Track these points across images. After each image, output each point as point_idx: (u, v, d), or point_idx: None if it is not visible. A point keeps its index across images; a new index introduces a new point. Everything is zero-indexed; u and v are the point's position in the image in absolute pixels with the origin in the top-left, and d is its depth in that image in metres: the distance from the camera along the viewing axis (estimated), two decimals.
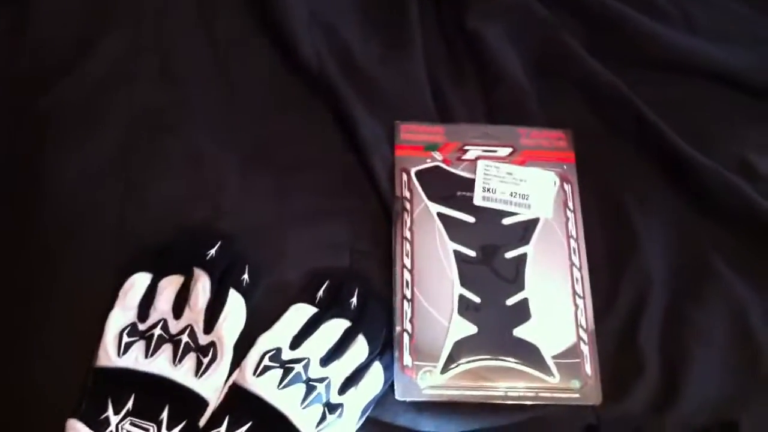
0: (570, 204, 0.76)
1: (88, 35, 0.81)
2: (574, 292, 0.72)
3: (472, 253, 0.73)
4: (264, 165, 0.77)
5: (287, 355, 0.66)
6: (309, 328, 0.67)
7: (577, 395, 0.68)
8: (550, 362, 0.69)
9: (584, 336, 0.70)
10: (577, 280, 0.73)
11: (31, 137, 0.76)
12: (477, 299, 0.71)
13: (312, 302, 0.69)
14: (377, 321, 0.69)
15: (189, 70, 0.81)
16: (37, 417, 0.65)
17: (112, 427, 0.62)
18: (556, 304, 0.71)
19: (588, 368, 0.69)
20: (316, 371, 0.65)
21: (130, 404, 0.63)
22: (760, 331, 0.71)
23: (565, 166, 0.79)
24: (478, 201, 0.75)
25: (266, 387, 0.64)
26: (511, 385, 0.68)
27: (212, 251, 0.69)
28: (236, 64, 0.82)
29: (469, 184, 0.77)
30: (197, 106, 0.79)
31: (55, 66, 0.79)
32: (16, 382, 0.66)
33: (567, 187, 0.77)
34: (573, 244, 0.74)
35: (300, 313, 0.68)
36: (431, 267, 0.72)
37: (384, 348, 0.69)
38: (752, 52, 0.87)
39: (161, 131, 0.77)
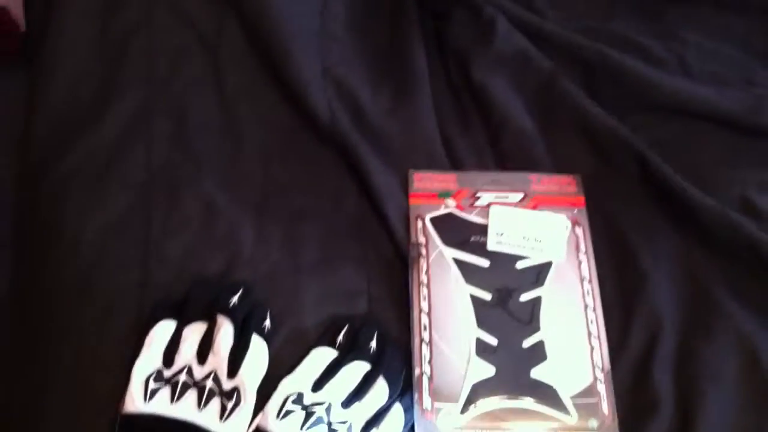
0: (582, 247, 0.78)
1: (102, 98, 0.84)
2: (589, 333, 0.74)
3: (487, 297, 0.75)
4: (277, 215, 0.79)
5: (309, 398, 0.67)
6: (330, 371, 0.69)
7: None
8: (568, 402, 0.70)
9: (600, 376, 0.71)
10: (591, 321, 0.74)
11: (51, 197, 0.78)
12: (494, 341, 0.72)
13: (332, 346, 0.71)
14: (396, 363, 0.70)
15: (201, 127, 0.84)
16: None
17: None
18: (572, 345, 0.73)
19: (605, 408, 0.70)
20: (337, 414, 0.66)
21: None
22: None
23: (575, 210, 0.81)
24: (492, 246, 0.77)
25: (289, 430, 0.65)
26: (530, 425, 0.69)
27: (234, 298, 0.71)
28: (246, 117, 0.85)
29: (483, 229, 0.79)
30: (210, 162, 0.82)
31: (72, 128, 0.82)
32: None
33: (578, 230, 0.79)
34: (586, 286, 0.76)
35: (321, 356, 0.70)
36: (448, 310, 0.74)
37: (404, 390, 0.70)
38: (747, 94, 0.89)
39: (177, 187, 0.80)
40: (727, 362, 0.73)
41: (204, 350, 0.69)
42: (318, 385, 0.68)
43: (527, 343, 0.72)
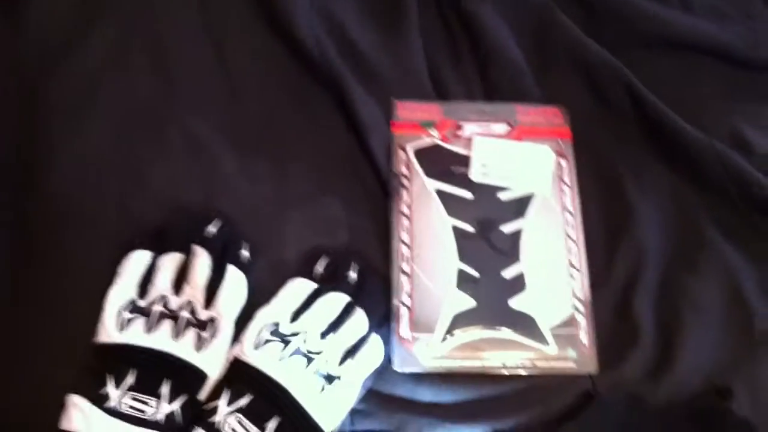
0: (566, 179, 0.77)
1: (81, 26, 0.81)
2: (570, 264, 0.73)
3: (469, 228, 0.73)
4: (260, 147, 0.78)
5: (286, 328, 0.66)
6: (308, 302, 0.68)
7: (573, 365, 0.69)
8: (547, 333, 0.69)
9: (580, 307, 0.71)
10: (573, 252, 0.73)
11: (32, 125, 0.76)
12: (475, 273, 0.71)
13: (311, 277, 0.70)
14: (376, 295, 0.70)
15: (185, 58, 0.81)
16: (38, 393, 0.65)
17: (114, 401, 0.63)
18: (553, 277, 0.72)
19: (584, 338, 0.70)
20: (315, 344, 0.66)
21: (130, 379, 0.63)
22: (753, 298, 0.72)
23: (560, 142, 0.79)
24: (475, 177, 0.76)
25: (266, 360, 0.64)
26: (508, 355, 0.69)
27: (212, 229, 0.70)
28: (232, 49, 0.83)
29: (466, 160, 0.77)
30: (193, 93, 0.80)
31: (51, 55, 0.80)
32: (18, 360, 0.67)
33: (563, 162, 0.78)
34: (569, 217, 0.75)
35: (299, 287, 0.69)
36: (429, 242, 0.73)
37: (383, 321, 0.69)
38: (745, 27, 0.87)
39: (158, 118, 0.78)
40: (710, 295, 0.73)
41: (180, 281, 0.68)
42: (296, 316, 0.67)
43: (508, 274, 0.72)
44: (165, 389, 0.63)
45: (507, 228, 0.74)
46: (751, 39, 0.86)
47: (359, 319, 0.67)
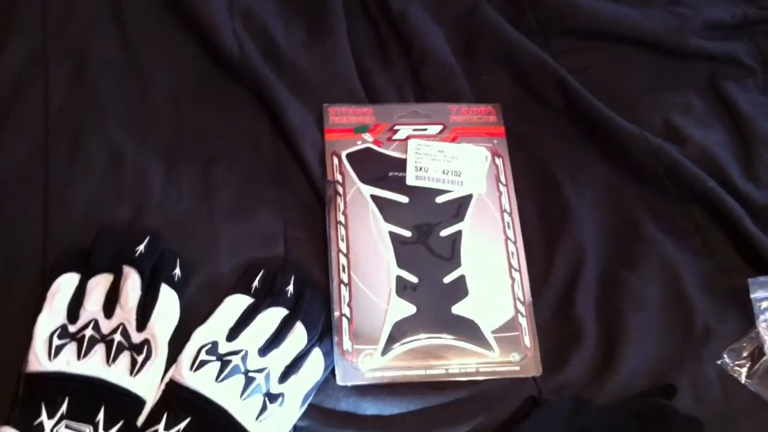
0: (502, 178, 0.77)
1: None
2: (510, 266, 0.72)
3: (407, 233, 0.72)
4: (187, 158, 0.76)
5: (224, 347, 0.64)
6: (245, 318, 0.66)
7: (517, 368, 0.68)
8: (490, 337, 0.69)
9: (522, 309, 0.71)
10: (512, 253, 0.73)
11: None
12: (414, 279, 0.70)
13: (247, 293, 0.68)
14: (315, 307, 0.68)
15: (102, 69, 0.79)
16: None
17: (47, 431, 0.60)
18: (493, 279, 0.72)
19: (527, 341, 0.69)
20: (254, 362, 0.64)
21: (64, 408, 0.61)
22: (692, 292, 0.73)
23: (495, 141, 0.79)
24: (410, 181, 0.75)
25: (204, 381, 0.62)
26: (452, 362, 0.68)
27: (141, 247, 0.67)
28: (152, 58, 0.80)
29: (401, 164, 0.76)
30: (113, 105, 0.77)
31: None
32: None
33: (498, 161, 0.78)
34: (507, 218, 0.74)
35: (235, 304, 0.67)
36: (367, 250, 0.72)
37: (323, 334, 0.68)
38: (671, 15, 0.88)
39: (77, 134, 0.75)
40: (650, 290, 0.73)
41: (111, 303, 0.66)
42: (233, 334, 0.65)
43: (448, 278, 0.71)
44: (100, 416, 0.61)
45: (445, 232, 0.73)
46: (677, 25, 0.87)
47: (299, 334, 0.66)
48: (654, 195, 0.78)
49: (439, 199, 0.75)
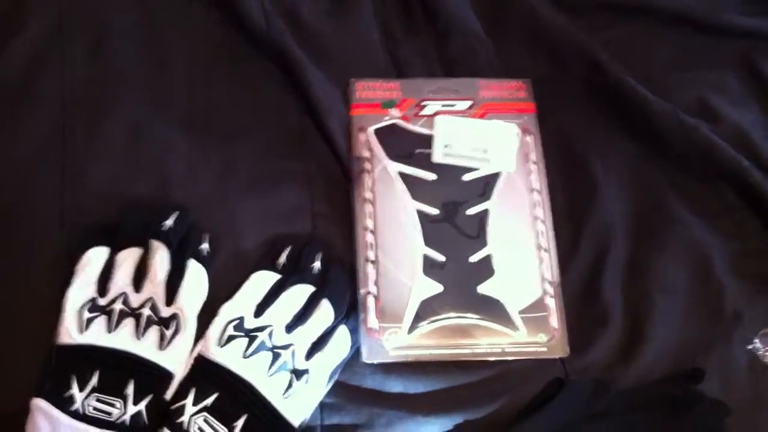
0: (532, 156, 0.76)
1: (12, 15, 0.77)
2: (538, 246, 0.72)
3: (434, 211, 0.72)
4: (211, 133, 0.75)
5: (251, 323, 0.65)
6: (272, 295, 0.67)
7: (544, 349, 0.68)
8: (516, 317, 0.69)
9: (549, 289, 0.70)
10: (541, 233, 0.73)
11: None
12: (441, 257, 0.70)
13: (274, 269, 0.68)
14: (341, 285, 0.69)
15: (122, 43, 0.78)
16: (1, 398, 0.63)
17: (78, 404, 0.61)
18: (521, 259, 0.71)
19: (554, 321, 0.69)
20: (281, 338, 0.65)
21: (94, 380, 0.62)
22: (721, 274, 0.72)
23: (525, 117, 0.78)
24: (438, 158, 0.74)
25: (231, 357, 0.63)
26: (478, 342, 0.68)
27: (169, 222, 0.68)
28: (173, 30, 0.79)
29: (429, 140, 0.75)
30: (133, 78, 0.76)
31: None
32: None
33: (528, 138, 0.77)
34: (536, 197, 0.74)
35: (262, 280, 0.67)
36: (394, 227, 0.71)
37: (349, 311, 0.68)
38: None
39: (98, 108, 0.74)
40: (678, 272, 0.72)
41: (139, 277, 0.66)
42: (260, 310, 0.66)
43: (474, 258, 0.71)
44: (130, 390, 0.62)
45: (471, 210, 0.72)
46: (711, 2, 0.85)
47: (325, 311, 0.66)
48: (684, 174, 0.77)
49: (466, 177, 0.74)
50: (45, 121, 0.73)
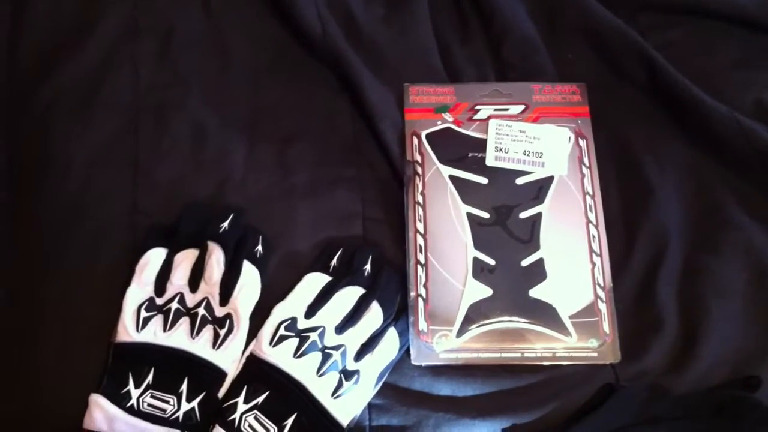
0: (585, 160, 0.75)
1: (85, 18, 0.80)
2: (591, 250, 0.71)
3: (485, 215, 0.72)
4: (269, 136, 0.77)
5: (302, 324, 0.66)
6: (323, 296, 0.67)
7: (595, 354, 0.68)
8: (567, 322, 0.68)
9: (602, 294, 0.69)
10: (593, 237, 0.72)
11: (36, 123, 0.76)
12: (492, 261, 0.70)
13: (326, 271, 0.69)
14: (391, 287, 0.69)
15: (187, 45, 0.80)
16: (60, 394, 0.66)
17: (134, 400, 0.63)
18: (573, 263, 0.71)
19: (606, 327, 0.68)
20: (331, 339, 0.66)
21: (150, 378, 0.64)
22: None
23: (579, 121, 0.77)
24: (490, 161, 0.74)
25: (282, 356, 0.64)
26: (528, 346, 0.68)
27: (225, 224, 0.69)
28: (234, 34, 0.81)
29: (481, 144, 0.75)
30: (198, 81, 0.79)
31: (55, 51, 0.79)
32: (40, 363, 0.67)
33: (582, 142, 0.76)
34: (589, 200, 0.73)
35: (314, 282, 0.68)
36: (444, 231, 0.72)
37: (399, 314, 0.69)
38: None
39: (164, 110, 0.77)
40: (734, 277, 0.71)
41: (196, 277, 0.68)
42: (311, 311, 0.67)
43: (526, 262, 0.70)
44: (183, 387, 0.64)
45: (525, 214, 0.72)
46: (765, 2, 0.83)
47: (375, 313, 0.67)
48: (741, 178, 0.75)
49: (519, 181, 0.74)
50: (115, 121, 0.76)
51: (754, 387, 0.65)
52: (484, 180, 0.74)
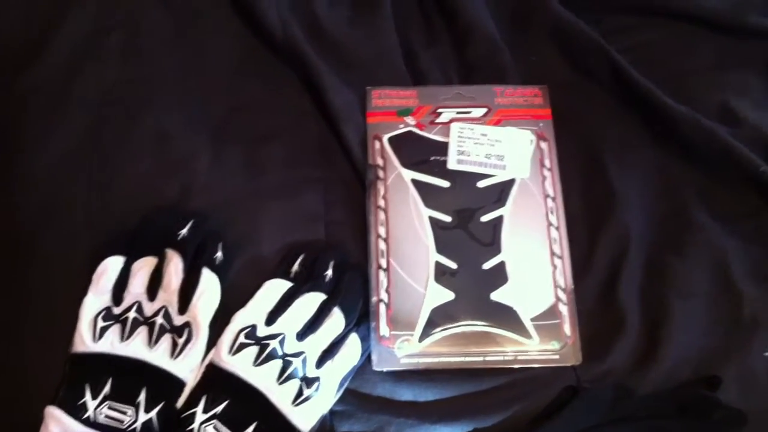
0: (547, 162, 0.75)
1: (51, 16, 0.79)
2: (552, 252, 0.71)
3: (447, 219, 0.72)
4: (233, 138, 0.76)
5: (263, 331, 0.65)
6: (284, 303, 0.67)
7: (556, 357, 0.67)
8: (529, 325, 0.68)
9: (563, 296, 0.69)
10: (554, 240, 0.72)
11: (6, 121, 0.75)
12: (453, 265, 0.70)
13: (287, 277, 0.69)
14: (353, 292, 0.68)
15: (153, 46, 0.79)
16: (15, 405, 0.65)
17: (90, 412, 0.62)
18: (534, 266, 0.70)
19: (567, 329, 0.68)
20: (292, 346, 0.65)
21: (107, 388, 0.63)
22: (741, 280, 0.70)
23: (541, 124, 0.77)
24: (452, 165, 0.74)
25: (242, 365, 0.63)
26: (490, 349, 0.67)
27: (184, 230, 0.68)
28: (200, 35, 0.81)
29: (443, 147, 0.75)
30: (163, 83, 0.78)
31: (21, 50, 0.78)
32: None
33: (543, 145, 0.76)
34: (550, 203, 0.73)
35: (274, 288, 0.68)
36: (406, 235, 0.71)
37: (361, 319, 0.68)
38: None
39: (129, 110, 0.76)
40: (697, 277, 0.71)
41: (154, 285, 0.67)
42: (272, 318, 0.66)
43: (488, 265, 0.70)
44: (142, 397, 0.63)
45: (486, 217, 0.72)
46: (737, 3, 0.83)
47: (336, 319, 0.66)
48: (705, 178, 0.75)
49: (481, 184, 0.73)
50: (78, 124, 0.75)
51: (715, 386, 0.65)
52: (446, 183, 0.73)
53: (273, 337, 0.65)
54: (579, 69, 0.81)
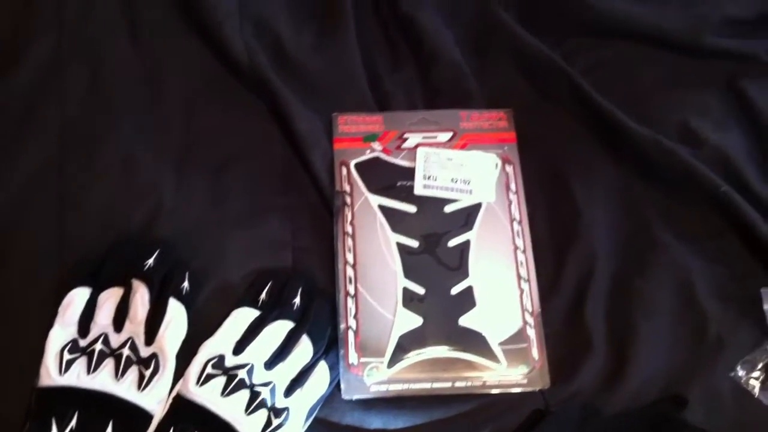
0: (512, 186, 0.76)
1: (12, 45, 0.79)
2: (519, 276, 0.71)
3: (414, 244, 0.72)
4: (199, 164, 0.76)
5: (230, 361, 0.65)
6: (252, 332, 0.66)
7: (525, 381, 0.68)
8: (497, 349, 0.68)
9: (530, 320, 0.70)
10: (521, 263, 0.72)
11: None
12: (421, 290, 0.70)
13: (255, 305, 0.68)
14: (321, 320, 0.68)
15: (117, 73, 0.79)
16: None
17: None
18: (501, 290, 0.71)
19: (535, 353, 0.68)
20: (260, 376, 0.64)
21: (74, 422, 0.62)
22: (705, 299, 0.71)
23: (506, 147, 0.78)
24: (419, 190, 0.74)
25: (210, 396, 0.63)
26: (458, 375, 0.67)
27: (150, 261, 0.68)
28: (164, 62, 0.80)
29: (410, 172, 0.75)
30: (127, 110, 0.77)
31: None
32: None
33: (509, 168, 0.76)
34: (516, 226, 0.73)
35: (242, 317, 0.67)
36: (374, 261, 0.71)
37: (329, 347, 0.68)
38: (686, 12, 0.85)
39: (92, 139, 0.76)
40: (662, 296, 0.71)
41: (120, 317, 0.67)
42: (239, 347, 0.66)
43: (456, 290, 0.70)
44: (109, 431, 0.62)
45: (453, 241, 0.72)
46: (694, 24, 0.85)
47: (305, 347, 0.66)
48: (668, 199, 0.76)
49: (448, 209, 0.74)
50: (43, 150, 0.74)
51: (682, 406, 0.65)
52: (413, 208, 0.74)
53: (241, 367, 0.64)
54: (541, 91, 0.82)
